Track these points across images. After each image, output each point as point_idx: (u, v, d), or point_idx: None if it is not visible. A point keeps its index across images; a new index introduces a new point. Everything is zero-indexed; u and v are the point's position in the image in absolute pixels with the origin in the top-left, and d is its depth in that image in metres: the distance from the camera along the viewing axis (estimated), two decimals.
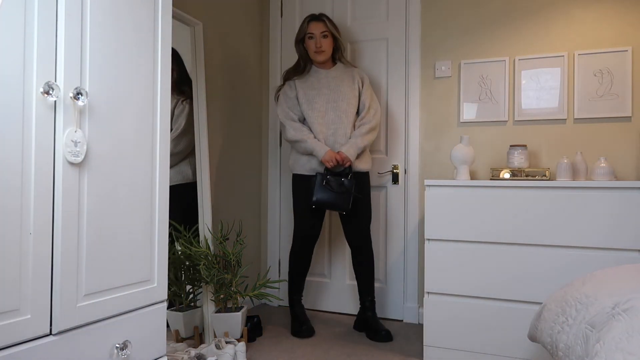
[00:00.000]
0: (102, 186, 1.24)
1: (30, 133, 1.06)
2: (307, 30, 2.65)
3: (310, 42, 2.64)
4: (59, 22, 1.12)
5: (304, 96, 2.63)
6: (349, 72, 2.72)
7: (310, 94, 2.63)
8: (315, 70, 2.70)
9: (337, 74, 2.70)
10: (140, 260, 1.37)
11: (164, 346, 1.45)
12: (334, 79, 2.67)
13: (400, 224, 2.97)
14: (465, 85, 2.81)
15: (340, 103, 2.62)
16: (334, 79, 2.67)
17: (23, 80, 1.05)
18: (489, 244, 2.16)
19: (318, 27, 2.63)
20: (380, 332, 2.57)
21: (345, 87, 2.65)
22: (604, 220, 2.00)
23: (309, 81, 2.67)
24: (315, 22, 2.64)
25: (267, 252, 3.33)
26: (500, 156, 2.73)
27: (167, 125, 1.47)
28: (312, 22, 2.65)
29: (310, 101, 2.62)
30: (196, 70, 2.58)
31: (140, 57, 1.36)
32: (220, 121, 2.88)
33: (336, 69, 2.72)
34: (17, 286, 1.04)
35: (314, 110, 2.61)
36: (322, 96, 2.63)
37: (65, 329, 1.14)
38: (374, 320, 2.66)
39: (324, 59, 2.67)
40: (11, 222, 1.02)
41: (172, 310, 2.37)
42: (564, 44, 2.62)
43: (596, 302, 1.27)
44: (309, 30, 2.64)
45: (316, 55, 2.65)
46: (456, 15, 2.85)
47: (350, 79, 2.69)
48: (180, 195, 2.53)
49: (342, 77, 2.68)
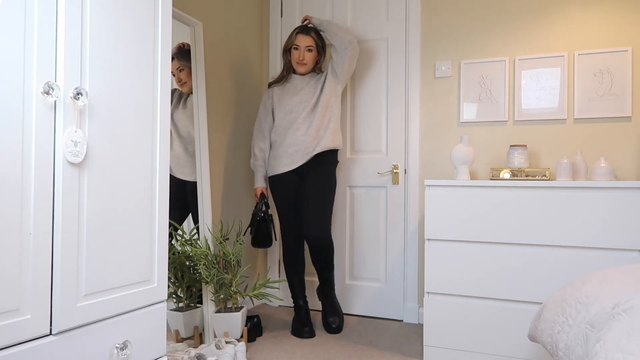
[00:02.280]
0: (102, 186, 1.24)
1: (30, 133, 1.06)
2: (294, 41, 2.74)
3: (295, 53, 2.74)
4: (59, 22, 1.12)
5: (279, 100, 2.75)
6: (318, 75, 2.81)
7: (285, 98, 2.73)
8: (293, 78, 2.80)
9: (309, 78, 2.78)
10: (140, 260, 1.37)
11: (164, 346, 1.45)
12: (307, 83, 2.76)
13: (400, 224, 2.97)
14: (465, 85, 2.81)
15: (308, 103, 2.69)
16: (307, 83, 2.76)
17: (23, 80, 1.05)
18: (489, 244, 2.16)
19: (305, 40, 2.72)
20: (330, 326, 2.70)
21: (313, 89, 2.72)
22: (604, 220, 2.00)
23: (286, 88, 2.77)
24: (303, 35, 2.73)
25: (267, 252, 3.33)
26: (500, 156, 2.73)
27: (167, 125, 1.47)
28: (299, 35, 2.73)
29: (283, 104, 2.72)
30: (196, 70, 2.58)
31: (140, 57, 1.36)
32: (220, 121, 2.88)
33: (310, 74, 2.80)
34: (17, 286, 1.04)
35: (287, 112, 2.70)
36: (295, 96, 2.72)
37: (65, 329, 1.14)
38: (332, 309, 2.77)
39: (304, 71, 2.76)
40: (11, 222, 1.02)
41: (172, 310, 2.37)
42: (564, 44, 2.62)
43: (596, 302, 1.27)
44: (295, 41, 2.74)
45: (298, 66, 2.74)
46: (456, 15, 2.85)
47: (318, 81, 2.76)
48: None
49: (312, 81, 2.76)
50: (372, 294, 3.03)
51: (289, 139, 2.67)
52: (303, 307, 2.75)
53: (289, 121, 2.69)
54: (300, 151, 2.65)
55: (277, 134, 2.72)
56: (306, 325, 2.66)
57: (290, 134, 2.67)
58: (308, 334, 2.62)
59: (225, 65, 2.93)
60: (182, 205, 2.51)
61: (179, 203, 2.49)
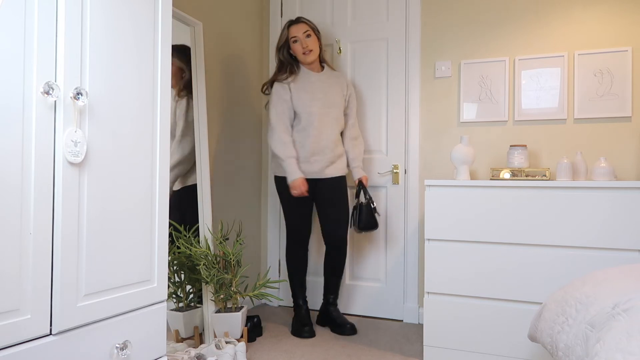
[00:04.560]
0: (102, 186, 1.24)
1: (30, 133, 1.06)
2: (289, 35, 2.68)
3: (296, 46, 2.67)
4: (59, 22, 1.12)
5: (298, 99, 2.64)
6: (336, 78, 2.79)
7: (305, 98, 2.64)
8: (306, 73, 2.71)
9: (326, 78, 2.74)
10: (140, 260, 1.37)
11: (164, 346, 1.45)
12: (325, 84, 2.71)
13: (400, 224, 2.97)
14: (465, 85, 2.81)
15: (332, 110, 2.69)
16: (325, 83, 2.71)
17: (23, 80, 1.05)
18: (489, 244, 2.16)
19: (299, 28, 2.67)
20: (345, 326, 2.68)
21: (335, 95, 2.72)
22: (604, 220, 2.00)
23: (301, 84, 2.67)
24: (295, 24, 2.69)
25: (267, 252, 3.33)
26: (500, 156, 2.73)
27: (167, 125, 1.47)
28: (292, 26, 2.69)
29: (305, 105, 2.63)
30: (196, 70, 2.58)
31: (140, 57, 1.36)
32: (220, 121, 2.88)
33: (325, 73, 2.76)
34: (17, 286, 1.04)
35: (309, 114, 2.62)
36: (316, 101, 2.65)
37: (65, 329, 1.14)
38: (338, 315, 2.76)
39: (313, 59, 2.69)
40: (11, 222, 1.02)
41: (172, 310, 2.37)
42: (564, 44, 2.62)
43: (596, 302, 1.27)
44: (290, 34, 2.68)
45: (305, 56, 2.67)
46: (456, 15, 2.85)
47: (339, 86, 2.76)
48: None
49: (331, 83, 2.74)
50: (372, 294, 3.03)
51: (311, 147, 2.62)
52: (303, 306, 2.75)
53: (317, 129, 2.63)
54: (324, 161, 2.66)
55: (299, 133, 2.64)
56: (306, 325, 2.66)
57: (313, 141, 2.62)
58: (308, 333, 2.62)
59: (225, 65, 2.93)
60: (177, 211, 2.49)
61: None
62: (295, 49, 2.68)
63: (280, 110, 2.63)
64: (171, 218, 2.35)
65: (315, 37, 2.69)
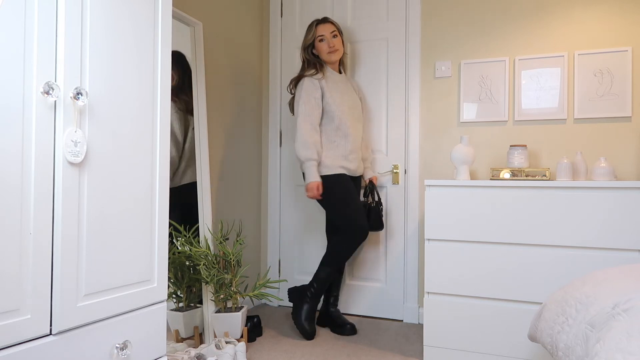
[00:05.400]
0: (102, 186, 1.24)
1: (30, 133, 1.06)
2: (316, 34, 2.70)
3: (322, 45, 2.69)
4: (59, 22, 1.12)
5: (330, 97, 2.64)
6: (350, 81, 2.88)
7: (336, 97, 2.67)
8: (331, 72, 2.74)
9: (346, 80, 2.82)
10: (140, 260, 1.37)
11: (164, 346, 1.45)
12: (347, 86, 2.78)
13: (400, 224, 2.97)
14: (465, 85, 2.81)
15: (355, 111, 2.77)
16: (346, 85, 2.78)
17: (23, 80, 1.05)
18: (489, 244, 2.16)
19: (327, 28, 2.70)
20: (345, 326, 2.67)
21: (355, 97, 2.82)
22: (604, 220, 2.00)
23: (331, 83, 2.69)
24: (323, 24, 2.72)
25: (267, 252, 3.33)
26: (500, 156, 2.73)
27: (167, 125, 1.47)
28: (319, 25, 2.71)
29: (337, 104, 2.65)
30: (196, 71, 2.58)
31: (140, 57, 1.36)
32: (220, 121, 2.88)
33: (343, 75, 2.83)
34: (17, 286, 1.04)
35: (342, 113, 2.65)
36: (345, 101, 2.70)
37: (65, 329, 1.14)
38: (338, 315, 2.77)
39: (337, 58, 2.73)
40: (11, 223, 1.02)
41: (172, 310, 2.37)
42: (564, 44, 2.62)
43: (596, 302, 1.27)
44: (318, 33, 2.70)
45: (330, 55, 2.69)
46: (456, 15, 2.85)
47: (354, 89, 2.85)
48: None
49: (349, 86, 2.82)
50: (372, 294, 3.03)
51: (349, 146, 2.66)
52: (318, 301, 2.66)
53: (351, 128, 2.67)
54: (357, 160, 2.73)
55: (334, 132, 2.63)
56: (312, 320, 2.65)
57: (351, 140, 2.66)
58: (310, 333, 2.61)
59: (225, 65, 2.93)
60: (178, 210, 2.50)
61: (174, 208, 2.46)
62: (320, 48, 2.70)
63: (310, 108, 2.58)
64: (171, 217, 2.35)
65: (340, 38, 2.74)
